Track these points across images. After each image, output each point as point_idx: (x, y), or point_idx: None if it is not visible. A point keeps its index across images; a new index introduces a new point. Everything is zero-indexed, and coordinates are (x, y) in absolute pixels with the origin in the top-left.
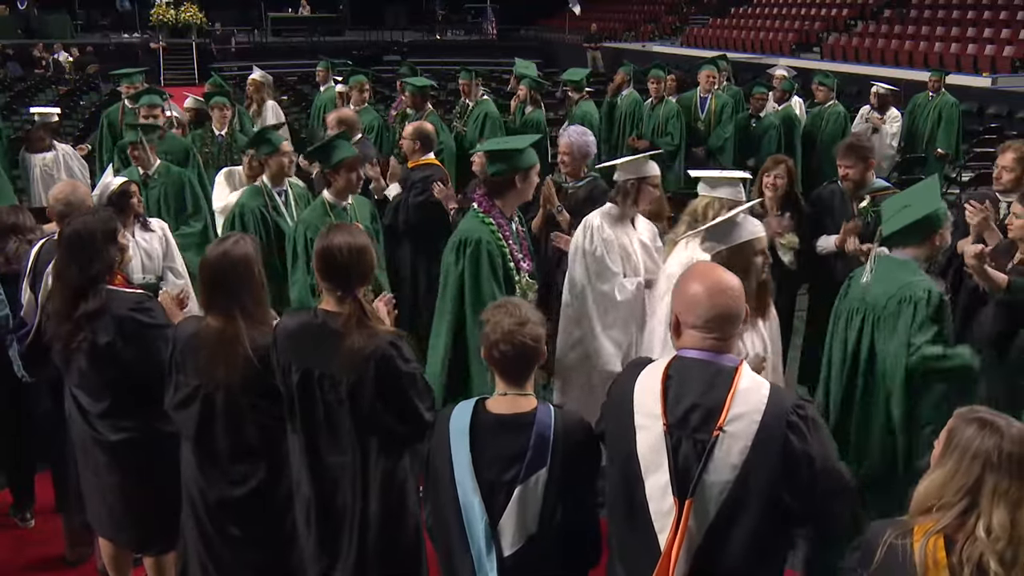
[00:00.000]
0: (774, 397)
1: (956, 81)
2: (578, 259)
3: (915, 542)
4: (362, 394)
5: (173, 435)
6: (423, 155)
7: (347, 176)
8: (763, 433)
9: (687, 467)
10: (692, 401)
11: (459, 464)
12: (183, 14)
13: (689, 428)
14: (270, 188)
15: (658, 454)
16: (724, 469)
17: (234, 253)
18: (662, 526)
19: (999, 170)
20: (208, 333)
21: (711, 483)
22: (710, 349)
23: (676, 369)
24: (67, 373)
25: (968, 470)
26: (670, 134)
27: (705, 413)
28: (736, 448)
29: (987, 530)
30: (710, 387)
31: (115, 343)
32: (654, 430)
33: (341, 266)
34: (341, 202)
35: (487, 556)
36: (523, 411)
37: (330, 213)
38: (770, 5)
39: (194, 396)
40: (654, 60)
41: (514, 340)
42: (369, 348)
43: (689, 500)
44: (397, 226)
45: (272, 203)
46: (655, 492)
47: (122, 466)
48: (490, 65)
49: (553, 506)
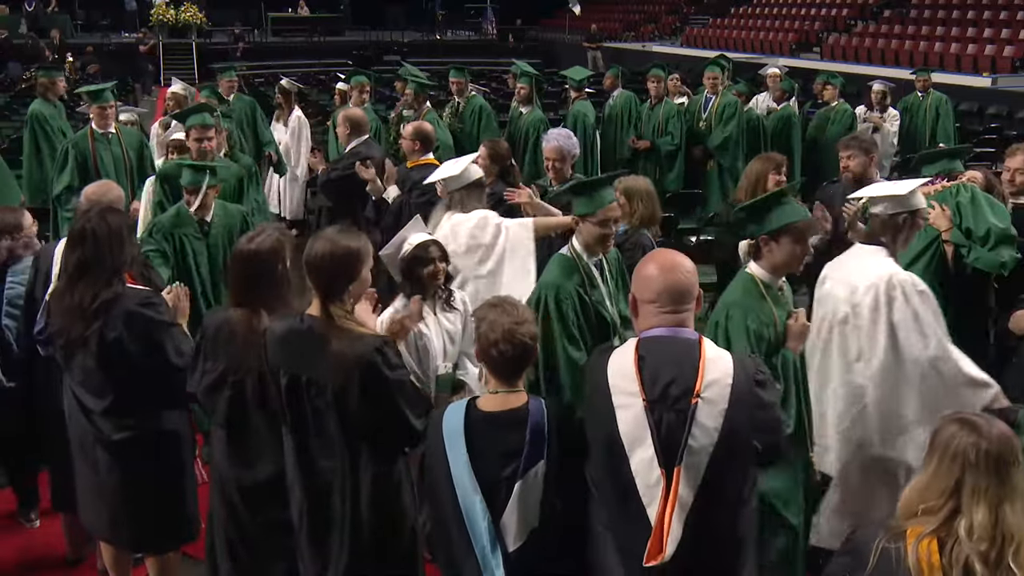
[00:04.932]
0: (737, 362)
1: (956, 81)
2: (912, 328)
3: (908, 545)
4: (347, 400)
5: (175, 433)
6: (423, 155)
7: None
8: (735, 395)
9: (671, 438)
10: (669, 375)
11: (456, 465)
12: (183, 14)
13: (669, 400)
14: None
15: (641, 430)
16: (706, 433)
17: (262, 247)
18: (650, 499)
19: (1011, 173)
20: (236, 322)
21: (697, 448)
22: (668, 325)
23: (645, 348)
24: (68, 370)
25: (948, 471)
26: (670, 134)
27: (683, 384)
28: (715, 412)
29: (968, 531)
30: (680, 359)
31: (122, 338)
32: (634, 408)
33: (326, 271)
34: None
35: (492, 554)
36: (516, 407)
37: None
38: (770, 5)
39: (223, 382)
40: (654, 60)
41: (514, 339)
42: (353, 354)
43: (678, 468)
44: (399, 227)
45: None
46: (641, 467)
47: (123, 465)
48: (490, 65)
49: (553, 497)
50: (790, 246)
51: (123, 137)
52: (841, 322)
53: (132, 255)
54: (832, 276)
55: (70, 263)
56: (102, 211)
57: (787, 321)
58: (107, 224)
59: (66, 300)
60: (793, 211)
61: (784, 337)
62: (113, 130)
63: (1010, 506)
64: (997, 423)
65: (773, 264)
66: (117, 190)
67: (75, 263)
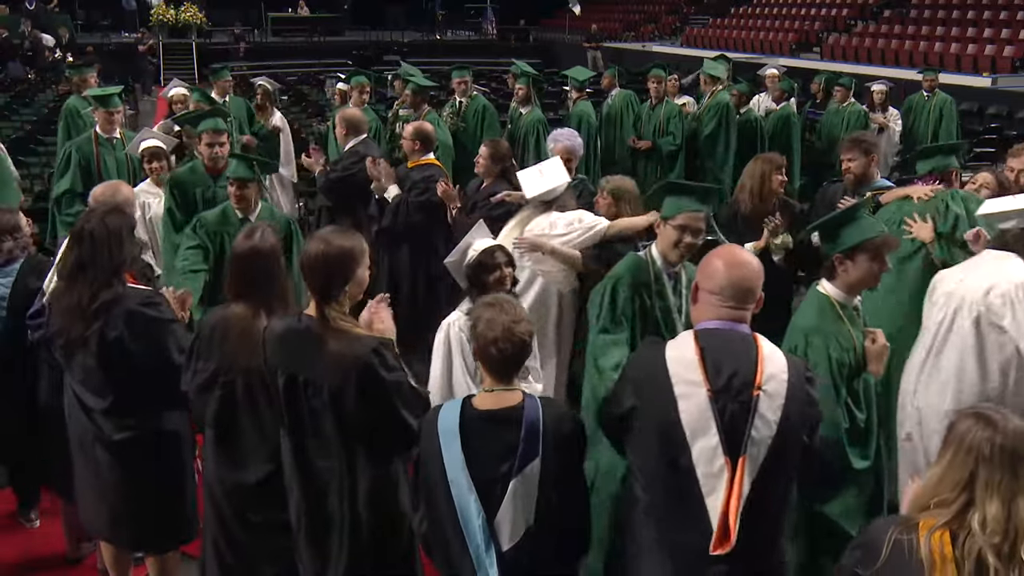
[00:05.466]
0: (789, 359)
1: (956, 81)
2: None
3: (921, 537)
4: (344, 401)
5: (176, 433)
6: (423, 155)
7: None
8: (792, 389)
9: (735, 428)
10: (732, 367)
11: (451, 463)
12: (183, 14)
13: (733, 391)
14: None
15: (705, 419)
16: (766, 425)
17: (261, 245)
18: (711, 488)
19: (1016, 173)
20: (233, 321)
21: (758, 439)
22: (726, 319)
23: (705, 339)
24: (69, 369)
25: (963, 464)
26: (671, 134)
27: (744, 376)
28: (774, 405)
29: (982, 524)
30: (741, 352)
31: (123, 337)
32: (697, 397)
33: (321, 272)
34: None
35: (486, 552)
36: (511, 405)
37: None
38: (770, 5)
39: (213, 381)
40: (654, 60)
41: (513, 337)
42: (350, 355)
43: (743, 457)
44: (396, 227)
45: None
46: (703, 455)
47: (123, 464)
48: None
49: (548, 496)
50: (867, 264)
51: (127, 142)
52: (974, 322)
53: (132, 255)
54: (954, 278)
55: (68, 263)
56: (102, 212)
57: (864, 343)
58: (105, 225)
59: (65, 300)
60: (868, 227)
61: (864, 360)
62: (118, 135)
63: None
64: (1013, 418)
65: (848, 283)
66: (126, 190)
67: (73, 263)
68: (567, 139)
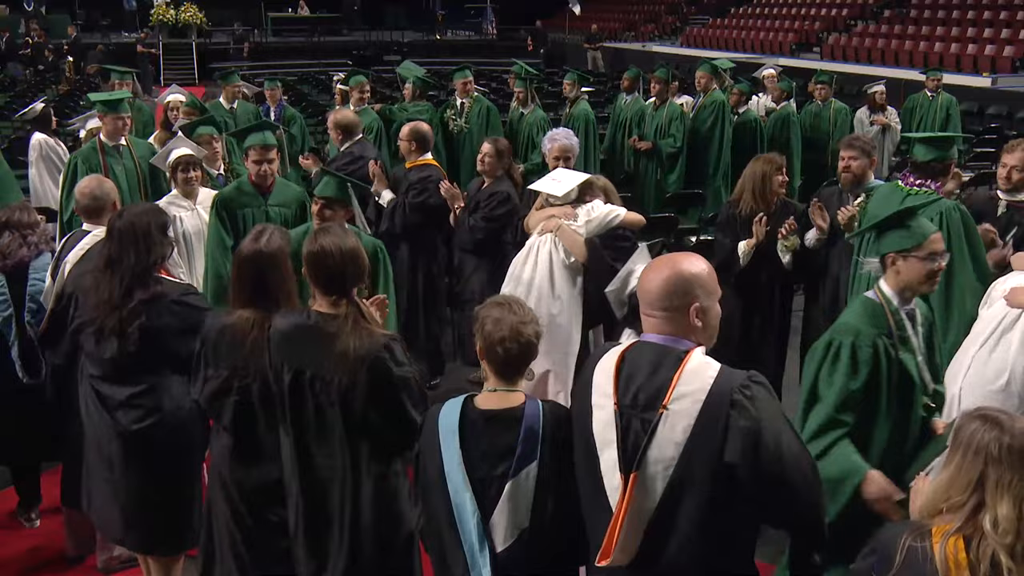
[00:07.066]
0: (722, 377)
1: (956, 81)
2: None
3: (934, 543)
4: (354, 397)
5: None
6: (420, 155)
7: None
8: (706, 411)
9: (635, 444)
10: (641, 382)
11: (449, 462)
12: (183, 14)
13: (638, 408)
14: None
15: (610, 432)
16: (668, 446)
17: (266, 248)
18: (614, 500)
19: (1008, 169)
20: (242, 326)
21: (655, 459)
22: (665, 332)
23: (632, 351)
24: (93, 361)
25: (972, 466)
26: (672, 136)
27: (652, 393)
28: (680, 426)
29: (994, 525)
30: (658, 368)
31: (168, 327)
32: (607, 409)
33: (334, 269)
34: None
35: (480, 552)
36: (512, 406)
37: None
38: (770, 5)
39: (228, 387)
40: (655, 60)
41: (520, 337)
42: (362, 350)
43: (633, 474)
44: (394, 228)
45: None
46: (607, 468)
47: (138, 458)
48: (490, 65)
49: (544, 500)
50: (918, 265)
51: (134, 150)
52: None
53: (162, 254)
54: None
55: (101, 259)
56: (136, 210)
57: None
58: (133, 223)
59: (95, 295)
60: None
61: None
62: (124, 142)
63: None
64: (1019, 419)
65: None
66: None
67: (104, 259)
68: (564, 138)
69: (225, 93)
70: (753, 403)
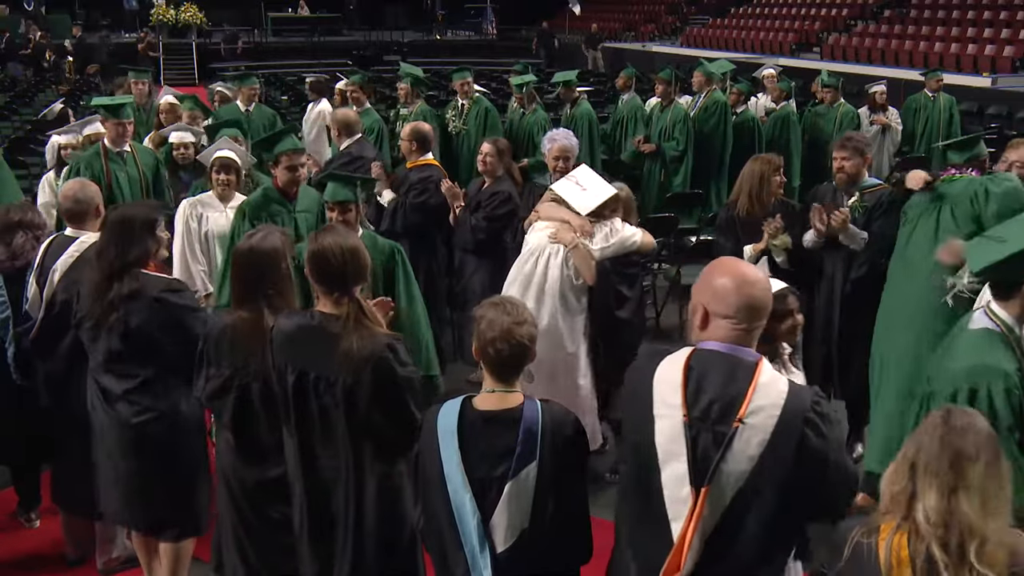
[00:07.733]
0: (793, 392)
1: (956, 81)
2: None
3: (880, 540)
4: (358, 397)
5: (191, 417)
6: (420, 156)
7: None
8: (781, 427)
9: (706, 457)
10: (713, 394)
11: (448, 463)
12: (183, 14)
13: (710, 420)
14: None
15: (677, 444)
16: (742, 460)
17: (262, 247)
18: (676, 514)
19: (1008, 165)
20: (241, 325)
21: (728, 472)
22: (734, 341)
23: (697, 361)
24: (92, 354)
25: (906, 452)
26: (675, 139)
27: (725, 405)
28: (755, 440)
29: (925, 517)
30: (731, 380)
31: (147, 324)
32: (674, 420)
33: (336, 268)
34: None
35: (480, 553)
36: (510, 407)
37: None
38: (770, 5)
39: (228, 386)
40: (654, 60)
41: (511, 339)
42: (366, 350)
43: (705, 488)
44: (395, 229)
45: None
46: (671, 481)
47: (141, 448)
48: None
49: (544, 500)
50: None
51: (138, 156)
52: None
53: (144, 251)
54: None
55: (93, 251)
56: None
57: None
58: (120, 217)
59: (87, 285)
60: None
61: None
62: (128, 148)
63: (965, 497)
64: (977, 419)
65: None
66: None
67: (96, 251)
68: (563, 138)
69: (242, 95)
70: (824, 422)
